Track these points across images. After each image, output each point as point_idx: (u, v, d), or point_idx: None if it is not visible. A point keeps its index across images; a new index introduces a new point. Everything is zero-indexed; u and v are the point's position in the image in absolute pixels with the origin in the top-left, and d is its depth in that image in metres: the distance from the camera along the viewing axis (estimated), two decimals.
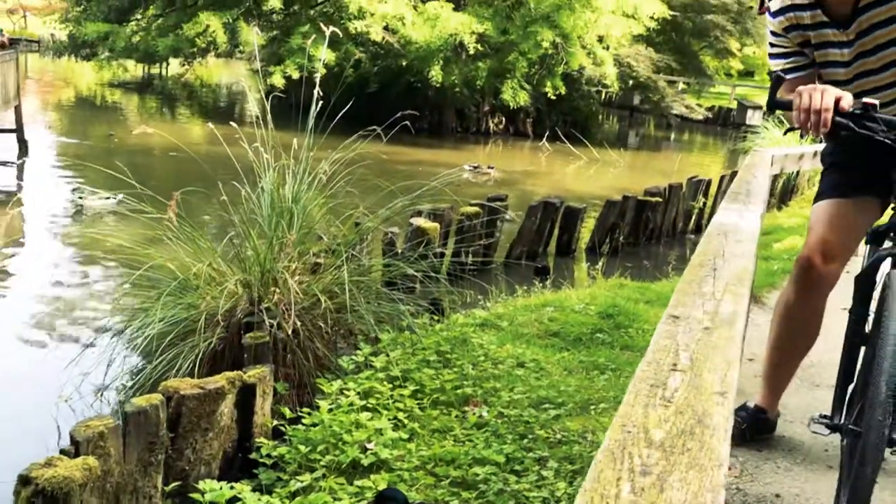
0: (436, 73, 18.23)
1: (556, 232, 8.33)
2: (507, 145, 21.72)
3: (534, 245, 8.10)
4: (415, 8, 18.40)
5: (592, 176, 17.01)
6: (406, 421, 3.30)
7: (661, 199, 9.12)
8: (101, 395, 3.97)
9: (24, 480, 2.26)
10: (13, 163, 12.18)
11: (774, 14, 2.29)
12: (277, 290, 4.01)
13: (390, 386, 3.52)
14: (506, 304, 5.35)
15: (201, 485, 2.70)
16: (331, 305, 3.93)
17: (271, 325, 3.79)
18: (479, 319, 4.80)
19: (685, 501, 0.81)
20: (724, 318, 1.44)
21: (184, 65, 23.23)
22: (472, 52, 18.44)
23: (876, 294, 2.01)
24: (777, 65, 2.36)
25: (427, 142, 19.27)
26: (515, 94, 19.28)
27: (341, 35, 15.49)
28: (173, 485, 2.90)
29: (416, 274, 4.64)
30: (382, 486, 2.75)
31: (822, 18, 2.21)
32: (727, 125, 29.12)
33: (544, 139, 20.59)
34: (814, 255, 2.39)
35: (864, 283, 2.10)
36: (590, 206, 9.61)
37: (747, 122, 25.65)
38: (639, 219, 8.98)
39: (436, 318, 4.76)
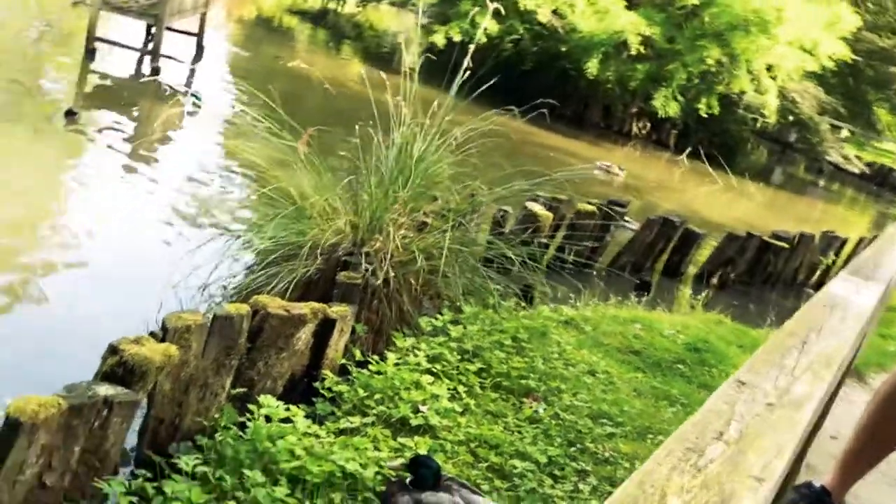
0: (592, 66, 18.01)
1: (668, 251, 8.17)
2: (646, 152, 21.25)
3: (642, 258, 7.97)
4: None
5: (724, 203, 16.48)
6: (464, 395, 3.38)
7: (787, 246, 8.78)
8: (204, 290, 4.22)
9: (112, 350, 2.47)
10: (188, 64, 12.87)
11: None
12: (380, 239, 4.14)
13: (459, 357, 3.61)
14: (596, 308, 5.34)
15: (261, 398, 2.87)
16: (425, 265, 4.03)
17: (366, 270, 3.93)
18: (564, 317, 4.82)
19: None
20: (793, 399, 1.41)
21: (359, 5, 23.76)
22: (633, 52, 18.07)
23: None
24: None
25: (566, 130, 19.09)
26: (666, 104, 18.83)
27: (506, 11, 15.48)
28: (239, 390, 3.08)
29: (513, 257, 4.67)
30: (423, 449, 2.85)
31: None
32: (884, 185, 27.41)
33: (684, 154, 20.02)
34: None
35: None
36: (711, 234, 9.36)
37: None
38: (758, 259, 8.69)
39: (522, 304, 4.80)
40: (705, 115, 19.76)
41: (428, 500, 2.36)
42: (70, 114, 7.72)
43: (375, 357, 3.57)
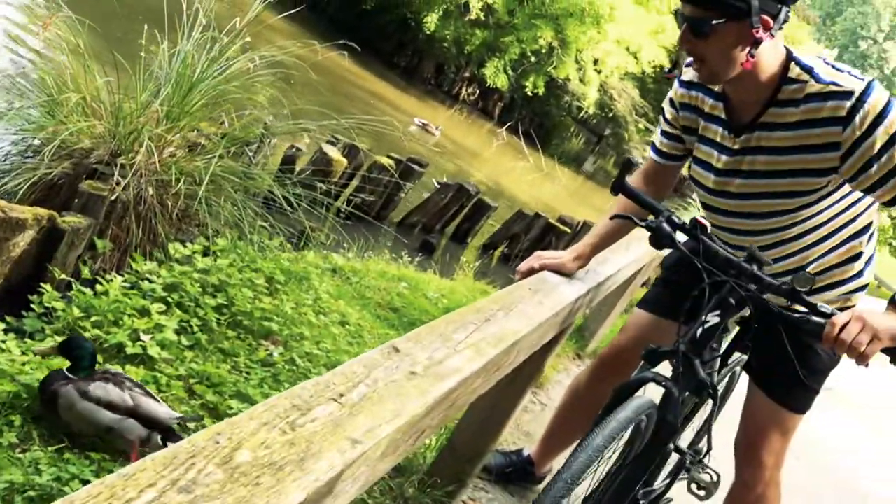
0: (431, 21, 17.99)
1: (459, 218, 8.34)
2: (469, 118, 21.62)
3: (433, 220, 8.08)
4: None
5: (530, 182, 17.11)
6: (197, 329, 3.23)
7: (569, 231, 9.23)
8: None
9: None
10: None
11: (681, 84, 2.10)
12: (141, 152, 3.86)
13: (200, 289, 3.43)
14: (367, 262, 5.32)
15: None
16: (185, 188, 3.81)
17: (118, 183, 3.66)
18: (331, 265, 4.75)
19: None
20: (440, 371, 1.40)
21: None
22: (474, 16, 18.22)
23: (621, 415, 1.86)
24: (657, 141, 2.24)
25: (396, 81, 19.00)
26: (496, 75, 19.22)
27: None
28: None
29: (291, 198, 4.54)
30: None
31: (720, 113, 2.00)
32: (676, 191, 29.62)
33: (504, 128, 20.58)
34: (609, 359, 2.43)
35: (621, 394, 1.92)
36: (504, 208, 9.66)
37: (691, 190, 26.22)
38: (541, 239, 9.07)
39: (288, 246, 4.68)
40: (531, 94, 20.36)
41: (95, 392, 2.24)
42: None
43: (110, 277, 3.33)
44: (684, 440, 2.48)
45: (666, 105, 2.18)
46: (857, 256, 2.09)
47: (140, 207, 3.81)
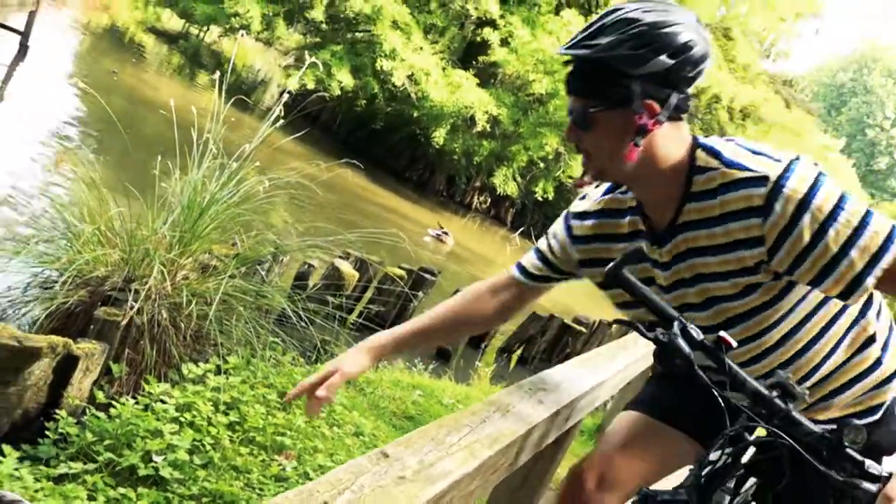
0: (439, 136, 18.55)
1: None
2: (483, 226, 21.95)
3: None
4: (443, 69, 18.77)
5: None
6: (210, 448, 3.25)
7: (584, 331, 9.22)
8: None
9: None
10: (7, 64, 12.12)
11: (580, 217, 1.84)
12: (155, 277, 3.98)
13: (212, 408, 3.48)
14: (381, 371, 5.35)
15: None
16: (197, 310, 3.90)
17: (131, 307, 3.75)
18: None
19: None
20: (430, 474, 1.40)
21: (221, 35, 23.30)
22: (480, 128, 18.78)
23: None
24: (528, 264, 1.95)
25: (408, 194, 19.44)
26: (505, 182, 19.63)
27: (364, 68, 15.70)
28: None
29: (301, 313, 4.62)
30: (144, 502, 2.70)
31: (639, 226, 1.74)
32: None
33: (517, 233, 20.85)
34: (589, 473, 1.90)
35: None
36: (520, 313, 9.68)
37: None
38: (557, 341, 9.06)
39: (301, 360, 4.73)
40: (541, 199, 20.71)
41: None
42: None
43: (124, 400, 3.39)
44: None
45: (556, 238, 1.89)
46: (870, 341, 1.75)
47: (154, 330, 3.89)
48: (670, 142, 1.61)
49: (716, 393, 1.43)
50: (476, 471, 1.56)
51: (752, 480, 1.85)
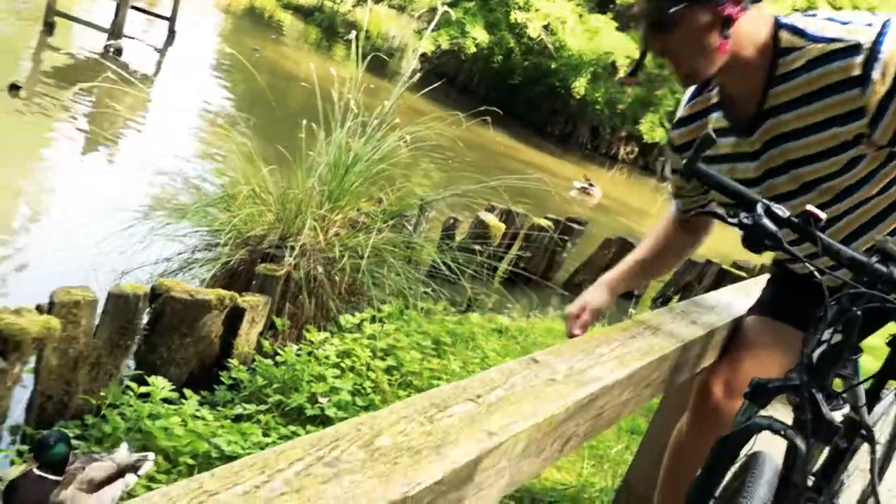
0: (580, 86, 18.14)
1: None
2: (631, 177, 21.37)
3: (598, 277, 7.99)
4: (580, 16, 18.30)
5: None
6: (370, 391, 3.37)
7: (745, 275, 8.80)
8: (125, 276, 4.20)
9: None
10: (156, 47, 12.91)
11: (678, 125, 1.84)
12: (308, 234, 4.15)
13: (370, 354, 3.60)
14: (532, 321, 5.35)
15: (150, 379, 2.86)
16: (348, 264, 4.04)
17: (289, 263, 3.93)
18: (496, 325, 4.82)
19: None
20: (580, 378, 1.41)
21: (354, 5, 23.79)
22: (622, 74, 18.22)
23: (732, 470, 1.50)
24: (679, 204, 1.96)
25: (551, 148, 19.20)
26: (652, 129, 18.97)
27: (498, 23, 15.59)
28: (135, 372, 3.07)
29: (451, 264, 4.68)
30: None
31: (723, 123, 1.71)
32: None
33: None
34: (716, 382, 1.88)
35: (726, 449, 1.49)
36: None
37: None
38: (716, 286, 8.72)
39: (453, 309, 4.81)
40: None
41: (94, 475, 2.22)
42: (13, 87, 7.68)
43: (288, 348, 3.57)
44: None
45: (671, 163, 1.91)
46: None
47: (311, 285, 4.07)
48: (754, 26, 1.56)
49: (812, 268, 1.35)
50: (627, 380, 1.54)
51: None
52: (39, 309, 2.66)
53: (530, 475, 1.27)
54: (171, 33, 13.57)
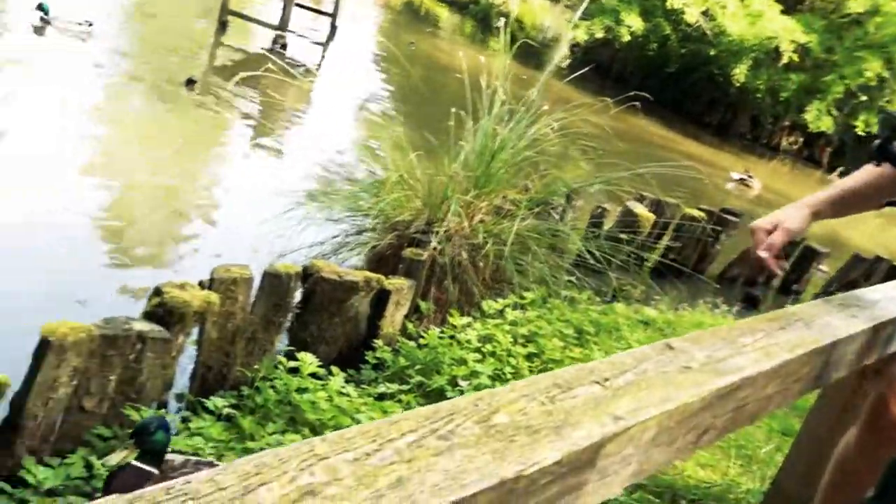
0: (740, 73, 17.33)
1: (786, 267, 7.78)
2: (794, 169, 20.20)
3: (755, 272, 7.62)
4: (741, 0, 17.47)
5: (874, 227, 15.42)
6: (510, 376, 3.38)
7: None
8: (281, 258, 4.42)
9: (156, 292, 2.66)
10: (320, 42, 13.46)
11: None
12: (454, 220, 4.20)
13: (511, 340, 3.61)
14: (682, 315, 5.18)
15: (300, 355, 2.99)
16: (492, 250, 4.05)
17: (434, 249, 4.00)
18: (642, 317, 4.71)
19: None
20: (719, 368, 1.35)
21: None
22: (786, 60, 17.23)
23: None
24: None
25: (708, 139, 18.46)
26: (819, 118, 17.85)
27: (654, 9, 15.13)
28: (289, 348, 3.23)
29: (596, 253, 4.61)
30: None
31: None
32: None
33: (836, 174, 18.91)
34: (893, 396, 1.72)
35: None
36: (836, 256, 8.81)
37: None
38: None
39: (597, 299, 4.73)
40: (863, 134, 18.57)
41: None
42: (190, 82, 8.22)
43: (432, 331, 3.64)
44: None
45: None
46: None
47: (455, 270, 4.12)
48: None
49: None
50: (773, 372, 1.46)
51: None
52: (201, 284, 2.85)
53: (660, 465, 1.23)
54: (333, 28, 14.13)
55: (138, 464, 2.04)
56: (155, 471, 2.05)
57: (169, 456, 2.12)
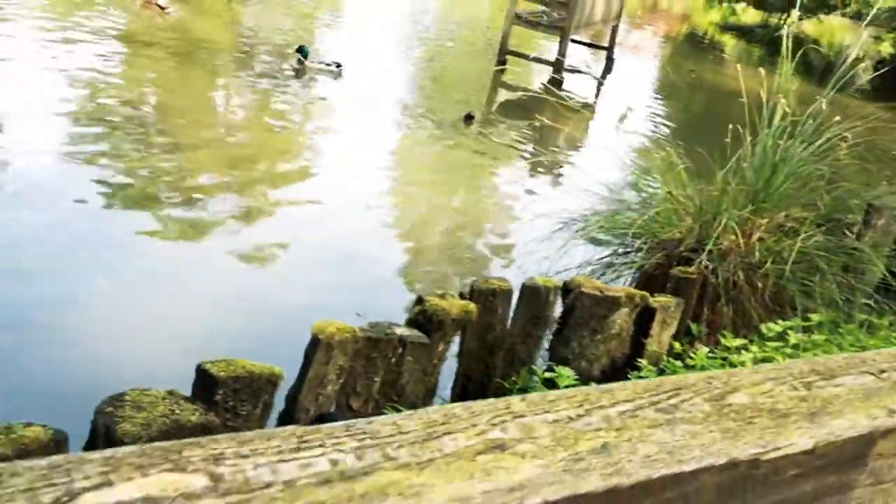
0: None
1: None
2: None
3: None
4: None
5: None
6: None
7: None
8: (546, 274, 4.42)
9: (419, 300, 2.76)
10: (596, 77, 13.45)
11: None
12: (729, 239, 3.93)
13: None
14: None
15: (558, 369, 2.93)
16: (772, 269, 3.72)
17: (706, 267, 3.77)
18: None
19: None
20: None
21: (801, 17, 22.30)
22: None
23: None
24: None
25: None
26: None
27: None
28: (549, 363, 3.18)
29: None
30: None
31: None
32: None
33: None
34: None
35: None
36: None
37: None
38: None
39: None
40: None
41: None
42: (468, 117, 8.58)
43: (701, 352, 3.40)
44: None
45: None
46: None
47: (730, 291, 3.83)
48: None
49: None
50: None
51: None
52: (461, 295, 2.90)
53: None
54: (609, 61, 14.08)
55: None
56: None
57: None
